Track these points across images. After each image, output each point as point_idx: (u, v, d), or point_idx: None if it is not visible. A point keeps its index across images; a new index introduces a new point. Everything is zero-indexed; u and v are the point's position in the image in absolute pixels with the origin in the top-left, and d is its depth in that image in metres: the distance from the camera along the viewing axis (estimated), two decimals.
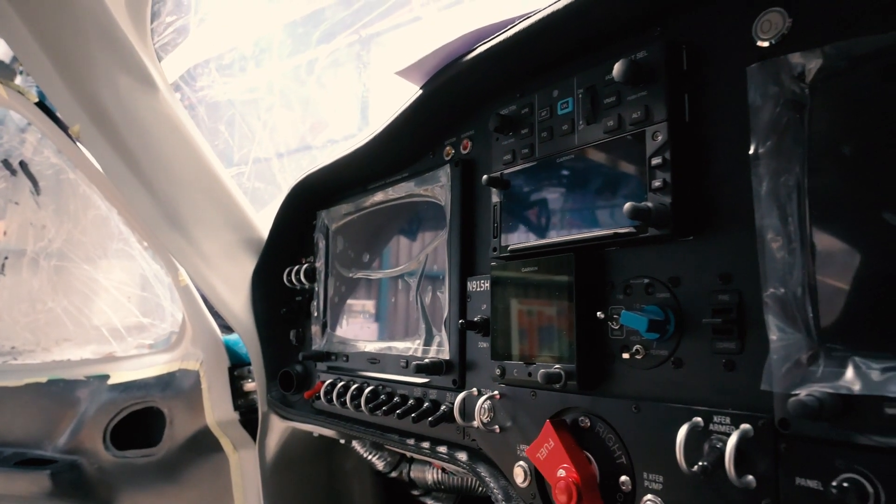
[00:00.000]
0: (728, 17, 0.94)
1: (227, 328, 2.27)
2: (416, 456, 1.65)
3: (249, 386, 2.25)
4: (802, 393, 0.76)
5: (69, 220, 2.92)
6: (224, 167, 2.16)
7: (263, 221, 2.21)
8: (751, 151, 0.85)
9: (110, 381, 2.60)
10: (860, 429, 0.73)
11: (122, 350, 2.87)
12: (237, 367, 2.26)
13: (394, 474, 2.04)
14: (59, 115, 1.98)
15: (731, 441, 0.82)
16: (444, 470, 1.86)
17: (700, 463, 0.85)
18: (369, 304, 1.78)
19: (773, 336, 0.81)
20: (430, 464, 1.92)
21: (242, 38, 2.32)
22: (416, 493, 2.19)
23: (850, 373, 0.74)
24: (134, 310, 2.93)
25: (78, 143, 1.93)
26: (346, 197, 1.88)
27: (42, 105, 2.33)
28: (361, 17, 2.18)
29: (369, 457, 2.01)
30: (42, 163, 2.83)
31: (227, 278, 2.13)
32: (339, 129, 2.47)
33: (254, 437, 2.19)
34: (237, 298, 2.13)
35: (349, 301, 1.85)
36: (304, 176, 1.92)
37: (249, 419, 2.21)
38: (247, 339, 2.12)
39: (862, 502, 0.72)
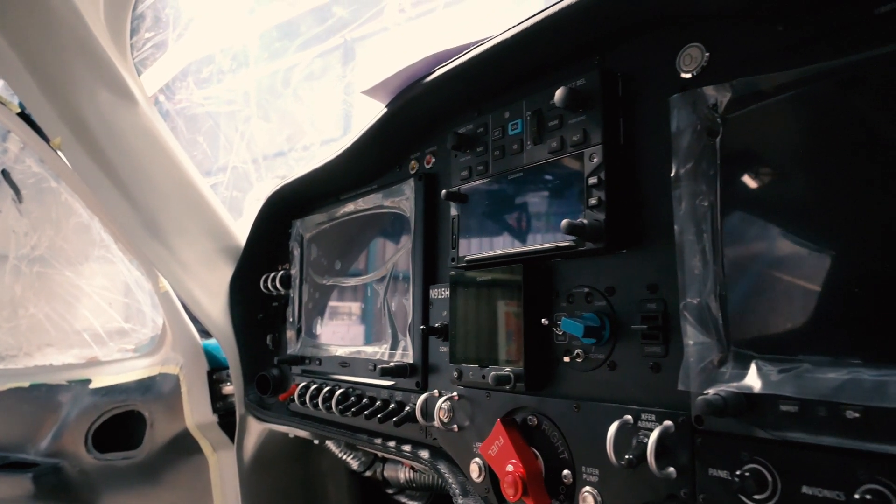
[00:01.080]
0: (657, 50, 1.03)
1: (206, 333, 2.34)
2: (384, 455, 1.73)
3: (227, 389, 2.32)
4: (711, 392, 0.85)
5: (51, 228, 2.97)
6: (202, 177, 2.22)
7: (241, 229, 2.27)
8: (672, 174, 0.94)
9: (92, 386, 2.66)
10: (760, 424, 0.82)
11: (104, 354, 2.92)
12: (216, 370, 2.33)
13: (368, 474, 2.11)
14: (40, 127, 2.03)
15: (653, 437, 0.91)
16: (413, 469, 1.94)
17: (627, 456, 0.94)
18: (341, 310, 1.85)
19: (690, 341, 0.90)
20: (401, 463, 2.00)
21: (219, 52, 2.39)
22: (390, 491, 2.26)
23: (752, 374, 0.83)
24: (115, 315, 2.98)
25: (59, 155, 1.98)
26: (320, 207, 1.95)
27: (24, 115, 2.38)
28: (335, 32, 2.26)
29: (344, 457, 2.08)
30: (24, 171, 2.88)
31: (206, 285, 2.19)
32: (317, 137, 2.55)
33: (232, 439, 2.25)
34: (215, 304, 2.20)
35: (322, 307, 1.92)
36: (279, 186, 1.99)
37: (228, 421, 2.28)
38: (225, 343, 2.18)
39: (761, 489, 0.81)
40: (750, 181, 0.88)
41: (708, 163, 0.91)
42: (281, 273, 2.08)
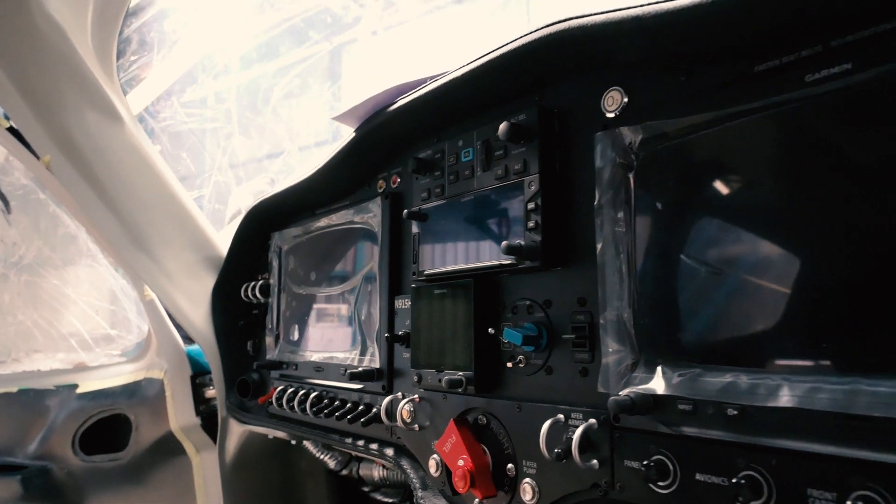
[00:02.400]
0: (586, 91, 1.16)
1: (189, 339, 2.44)
2: (355, 453, 1.85)
3: (210, 393, 2.43)
4: (623, 393, 0.98)
5: (39, 238, 3.06)
6: (186, 191, 2.34)
7: (222, 241, 2.39)
8: (595, 202, 1.08)
9: (79, 390, 2.76)
10: (663, 421, 0.96)
11: (90, 360, 3.01)
12: (198, 375, 2.44)
13: (344, 472, 2.23)
14: (30, 145, 2.13)
15: (577, 433, 1.04)
16: (385, 467, 2.06)
17: (556, 450, 1.07)
18: (315, 318, 1.97)
19: (608, 349, 1.03)
20: (374, 461, 2.12)
21: (202, 73, 2.51)
22: (366, 489, 2.38)
23: (657, 378, 0.97)
24: (102, 322, 3.08)
25: (49, 172, 2.09)
26: (296, 221, 2.07)
27: (13, 130, 2.48)
28: (313, 54, 2.38)
29: (321, 456, 2.19)
30: (13, 183, 2.97)
31: (189, 294, 2.30)
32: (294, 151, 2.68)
33: (214, 441, 2.36)
34: (198, 312, 2.31)
35: (299, 315, 2.04)
36: (259, 201, 2.11)
37: (210, 424, 2.39)
38: (207, 349, 2.29)
39: (664, 477, 0.94)
40: (656, 211, 1.01)
41: (625, 193, 1.05)
42: (260, 282, 2.19)
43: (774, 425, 0.82)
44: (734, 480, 0.85)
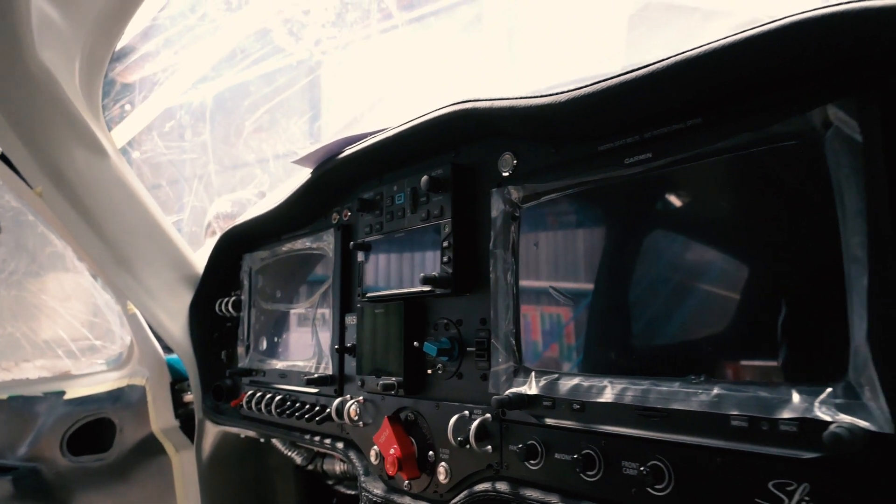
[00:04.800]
0: (489, 153, 1.46)
1: (168, 349, 2.70)
2: (316, 448, 2.13)
3: (188, 397, 2.69)
4: (504, 394, 1.27)
5: (27, 256, 3.29)
6: (165, 216, 2.60)
7: (199, 260, 2.65)
8: (490, 244, 1.38)
9: (66, 397, 2.99)
10: (534, 414, 1.25)
11: (77, 369, 3.25)
12: (177, 381, 2.70)
13: (310, 467, 2.50)
14: (23, 176, 2.38)
15: (474, 425, 1.33)
16: (342, 461, 2.34)
17: (458, 438, 1.36)
18: (280, 331, 2.25)
19: (499, 359, 1.33)
20: (334, 456, 2.40)
21: (180, 110, 2.77)
22: (329, 482, 2.66)
23: (531, 382, 1.26)
24: (87, 333, 3.32)
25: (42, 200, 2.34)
26: (264, 245, 2.35)
27: (4, 157, 2.72)
28: (280, 92, 2.66)
29: (289, 453, 2.47)
30: (3, 205, 3.20)
31: (169, 308, 2.57)
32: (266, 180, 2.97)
33: (192, 441, 2.63)
34: (177, 325, 2.57)
35: (266, 328, 2.32)
36: (231, 226, 2.39)
37: (188, 425, 2.66)
38: (185, 358, 2.56)
39: (533, 457, 1.24)
40: (532, 253, 1.31)
41: (512, 239, 1.35)
42: (233, 299, 2.47)
43: (603, 415, 1.12)
44: (576, 457, 1.15)
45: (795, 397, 0.88)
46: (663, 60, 1.01)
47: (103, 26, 2.29)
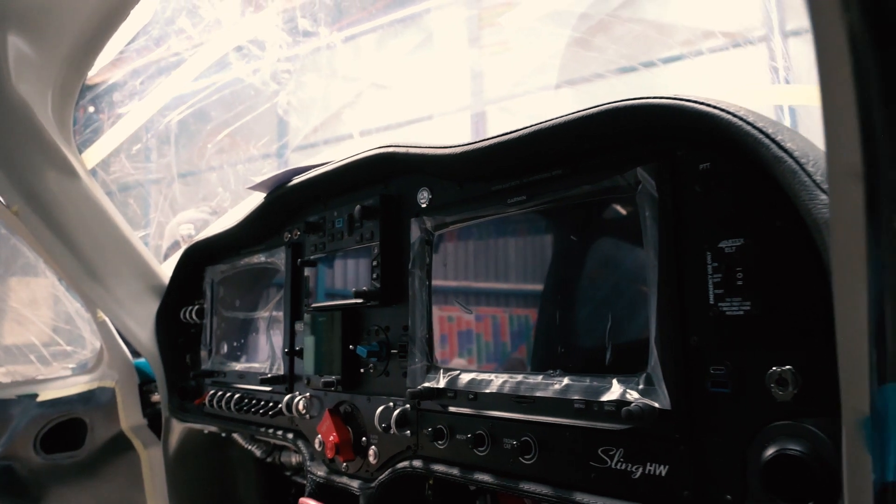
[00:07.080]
0: (411, 187, 1.74)
1: (137, 354, 2.93)
2: (271, 440, 2.39)
3: (155, 398, 2.92)
4: (417, 387, 1.56)
5: (1, 266, 3.47)
6: (133, 231, 2.83)
7: (165, 271, 2.89)
8: (409, 264, 1.66)
9: (39, 399, 3.18)
10: (441, 403, 1.54)
11: (49, 373, 3.44)
12: (145, 383, 2.93)
13: (269, 460, 2.76)
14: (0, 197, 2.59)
15: (395, 413, 1.62)
16: (296, 451, 2.60)
17: (383, 425, 1.64)
18: (239, 336, 2.50)
19: (416, 359, 1.62)
20: (291, 449, 2.66)
21: (146, 134, 3.00)
22: (287, 473, 2.91)
23: (440, 377, 1.55)
24: (59, 339, 3.51)
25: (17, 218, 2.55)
26: (225, 259, 2.60)
27: None
28: (241, 117, 2.91)
29: (249, 447, 2.72)
30: None
31: (137, 316, 2.80)
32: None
33: (159, 437, 2.86)
34: (145, 331, 2.80)
35: (227, 333, 2.57)
36: (195, 241, 2.63)
37: (155, 423, 2.89)
38: (152, 362, 2.79)
39: (440, 438, 1.53)
40: (441, 272, 1.60)
41: (428, 261, 1.64)
42: (196, 307, 2.71)
43: (490, 403, 1.41)
44: (470, 436, 1.44)
45: (615, 385, 1.18)
46: (526, 128, 1.31)
47: (74, 60, 2.50)
